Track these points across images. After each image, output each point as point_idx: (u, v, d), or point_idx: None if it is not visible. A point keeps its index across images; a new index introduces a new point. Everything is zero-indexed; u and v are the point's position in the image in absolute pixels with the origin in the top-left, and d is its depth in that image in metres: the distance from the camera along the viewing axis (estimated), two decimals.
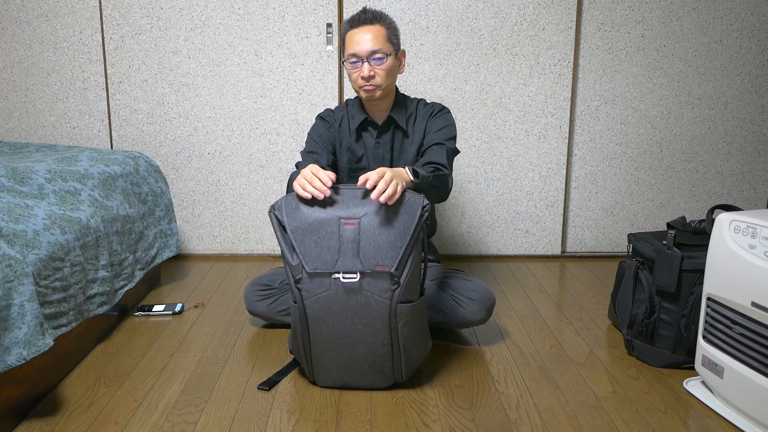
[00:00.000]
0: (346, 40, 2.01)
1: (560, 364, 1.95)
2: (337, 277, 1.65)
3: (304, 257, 1.66)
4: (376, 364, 1.73)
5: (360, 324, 1.68)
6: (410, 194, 1.71)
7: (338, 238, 1.65)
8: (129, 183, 2.29)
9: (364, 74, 1.96)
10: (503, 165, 2.92)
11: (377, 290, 1.65)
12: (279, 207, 1.72)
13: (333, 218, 1.66)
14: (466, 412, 1.68)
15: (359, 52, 1.96)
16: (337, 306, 1.67)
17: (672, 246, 1.88)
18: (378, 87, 1.99)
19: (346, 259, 1.65)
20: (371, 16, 1.98)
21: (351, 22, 2.01)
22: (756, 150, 2.96)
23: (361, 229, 1.65)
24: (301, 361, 1.79)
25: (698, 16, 2.82)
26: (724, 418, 1.66)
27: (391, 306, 1.66)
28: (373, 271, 1.64)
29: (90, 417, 1.65)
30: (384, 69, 1.98)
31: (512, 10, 2.77)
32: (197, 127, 2.87)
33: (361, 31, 1.97)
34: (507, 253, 3.01)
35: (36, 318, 1.55)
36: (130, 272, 2.20)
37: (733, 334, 1.63)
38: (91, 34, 2.79)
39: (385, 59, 1.97)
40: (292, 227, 1.68)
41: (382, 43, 1.96)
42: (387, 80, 2.00)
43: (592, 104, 2.89)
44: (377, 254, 1.64)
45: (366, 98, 2.03)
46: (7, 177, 1.88)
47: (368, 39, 1.95)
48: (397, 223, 1.66)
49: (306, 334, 1.72)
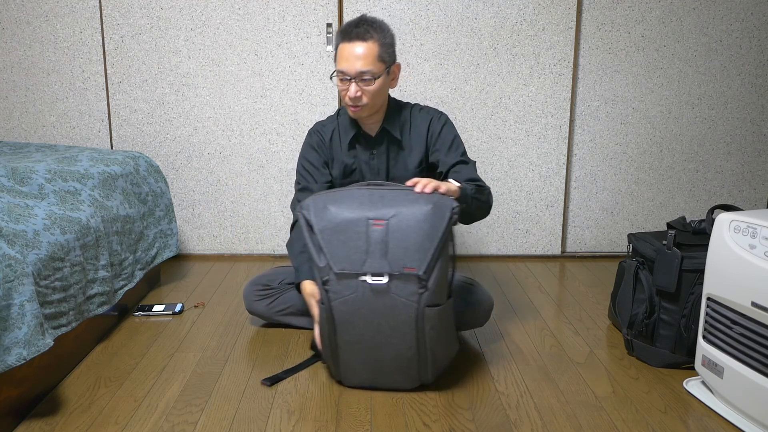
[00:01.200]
0: (337, 51, 1.92)
1: (560, 364, 1.95)
2: (365, 279, 1.63)
3: (331, 258, 1.65)
4: (402, 366, 1.72)
5: (387, 327, 1.66)
6: (439, 196, 1.68)
7: (366, 239, 1.63)
8: (129, 183, 2.29)
9: (350, 95, 1.89)
10: (503, 165, 2.92)
11: (405, 293, 1.63)
12: (307, 206, 1.71)
13: (361, 219, 1.64)
14: (466, 412, 1.68)
15: (347, 71, 1.87)
16: (365, 308, 1.65)
17: (672, 246, 1.88)
18: (365, 107, 1.92)
19: (374, 261, 1.63)
20: (364, 31, 1.87)
21: (344, 34, 1.90)
22: (756, 150, 2.96)
23: (390, 230, 1.63)
24: (328, 360, 1.78)
25: (698, 16, 2.82)
26: (724, 418, 1.66)
27: (418, 310, 1.64)
28: (402, 274, 1.62)
29: (90, 417, 1.65)
30: (372, 90, 1.89)
31: (512, 10, 2.77)
32: (197, 127, 2.87)
33: (352, 47, 1.87)
34: (507, 253, 3.01)
35: (36, 318, 1.55)
36: (130, 272, 2.20)
37: (733, 334, 1.63)
38: (91, 34, 2.79)
39: (374, 81, 1.88)
40: (319, 227, 1.66)
41: (373, 63, 1.87)
42: (375, 100, 1.93)
43: (592, 104, 2.89)
44: (405, 256, 1.62)
45: (353, 116, 1.97)
46: (7, 177, 1.88)
47: (359, 57, 1.86)
48: (426, 225, 1.63)
49: (333, 335, 1.71)
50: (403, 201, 1.66)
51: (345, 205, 1.67)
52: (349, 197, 1.69)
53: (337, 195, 1.71)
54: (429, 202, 1.65)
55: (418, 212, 1.63)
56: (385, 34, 1.91)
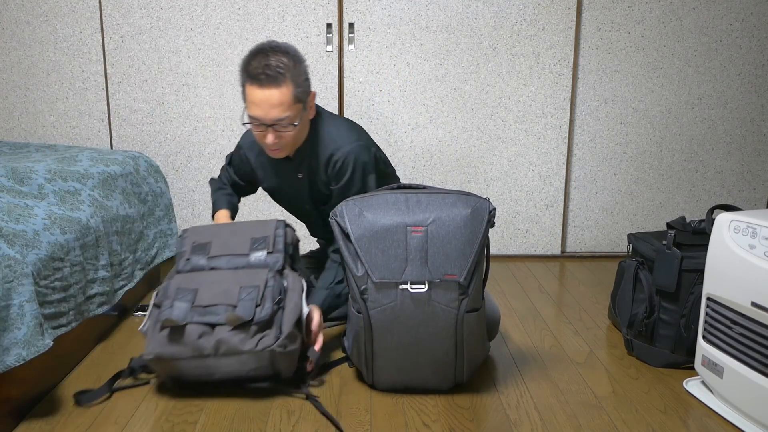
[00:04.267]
0: (246, 92, 1.78)
1: (560, 364, 1.95)
2: (405, 287, 1.61)
3: (370, 266, 1.63)
4: (438, 369, 1.71)
5: (425, 334, 1.65)
6: (476, 199, 1.68)
7: (405, 247, 1.62)
8: (129, 183, 2.29)
9: (269, 143, 1.81)
10: (503, 165, 2.92)
11: (445, 300, 1.62)
12: (340, 213, 1.68)
13: (400, 225, 1.62)
14: (466, 412, 1.68)
15: (262, 119, 1.77)
16: (404, 316, 1.64)
17: (672, 246, 1.88)
18: (286, 148, 1.86)
19: (414, 268, 1.61)
20: (275, 74, 1.73)
21: (252, 78, 1.74)
22: (756, 150, 2.97)
23: (429, 237, 1.62)
24: (361, 366, 1.76)
25: (698, 16, 2.83)
26: (724, 418, 1.66)
27: (458, 316, 1.64)
28: (442, 281, 1.61)
29: (90, 417, 1.65)
30: (291, 134, 1.82)
31: (512, 10, 2.77)
32: (197, 127, 2.87)
33: (264, 93, 1.74)
34: (507, 253, 3.01)
35: (35, 318, 1.55)
36: (130, 272, 2.20)
37: (732, 334, 1.63)
38: (91, 34, 2.79)
39: (293, 126, 1.80)
40: (356, 235, 1.64)
41: (288, 108, 1.76)
42: (297, 140, 1.87)
43: (592, 104, 2.89)
44: (446, 263, 1.61)
45: (275, 157, 1.89)
46: (7, 177, 1.88)
47: (273, 105, 1.74)
48: (466, 231, 1.62)
49: (369, 342, 1.69)
50: (441, 205, 1.64)
51: (381, 211, 1.65)
52: (384, 203, 1.67)
53: (372, 200, 1.68)
54: (467, 205, 1.64)
55: (457, 217, 1.62)
56: (297, 67, 1.78)
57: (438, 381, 1.74)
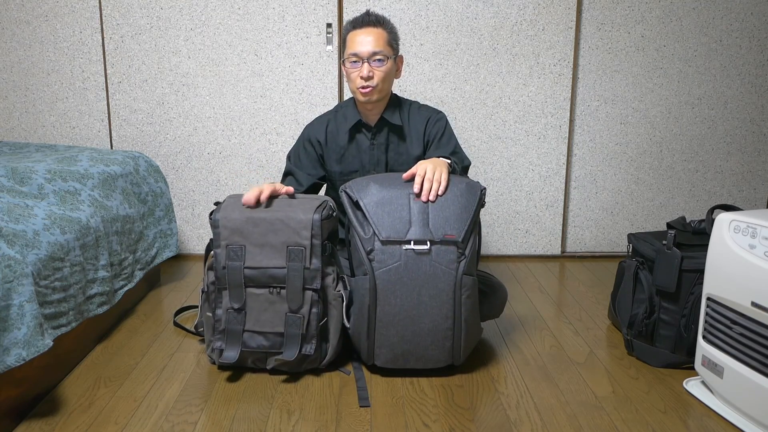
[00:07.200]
0: (347, 40, 2.05)
1: (560, 364, 1.95)
2: (408, 247, 1.76)
3: (377, 226, 1.77)
4: (437, 339, 1.80)
5: (426, 296, 1.77)
6: (468, 178, 1.90)
7: (409, 210, 1.79)
8: (129, 183, 2.29)
9: (363, 74, 1.99)
10: (503, 165, 2.92)
11: (445, 261, 1.77)
12: (350, 186, 1.86)
13: (403, 194, 1.81)
14: (466, 412, 1.68)
15: (360, 53, 2.00)
16: (407, 277, 1.76)
17: (672, 246, 1.88)
18: (375, 89, 2.01)
19: (417, 228, 1.77)
20: (374, 18, 2.03)
21: (354, 23, 2.05)
22: (756, 150, 2.96)
23: (430, 202, 1.80)
24: (361, 340, 1.83)
25: (698, 16, 2.82)
26: (724, 418, 1.66)
27: (456, 277, 1.77)
28: (443, 240, 1.77)
29: (90, 417, 1.65)
30: (383, 71, 2.02)
31: (512, 10, 2.77)
32: (197, 127, 2.87)
33: (363, 33, 2.01)
34: (507, 253, 3.01)
35: (35, 318, 1.55)
36: (130, 272, 2.20)
37: (733, 334, 1.63)
38: (91, 34, 2.79)
39: (385, 62, 2.01)
40: (365, 201, 1.80)
41: (383, 46, 2.01)
42: (384, 83, 2.04)
43: (592, 104, 2.89)
44: (446, 225, 1.78)
45: (363, 100, 2.04)
46: (7, 177, 1.88)
47: (370, 41, 2.00)
48: (462, 199, 1.81)
49: (373, 307, 1.79)
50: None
51: (387, 183, 1.84)
52: (389, 178, 1.88)
53: (378, 176, 1.89)
54: (462, 181, 1.85)
55: (454, 187, 1.83)
56: (391, 25, 2.07)
57: (437, 352, 1.80)
